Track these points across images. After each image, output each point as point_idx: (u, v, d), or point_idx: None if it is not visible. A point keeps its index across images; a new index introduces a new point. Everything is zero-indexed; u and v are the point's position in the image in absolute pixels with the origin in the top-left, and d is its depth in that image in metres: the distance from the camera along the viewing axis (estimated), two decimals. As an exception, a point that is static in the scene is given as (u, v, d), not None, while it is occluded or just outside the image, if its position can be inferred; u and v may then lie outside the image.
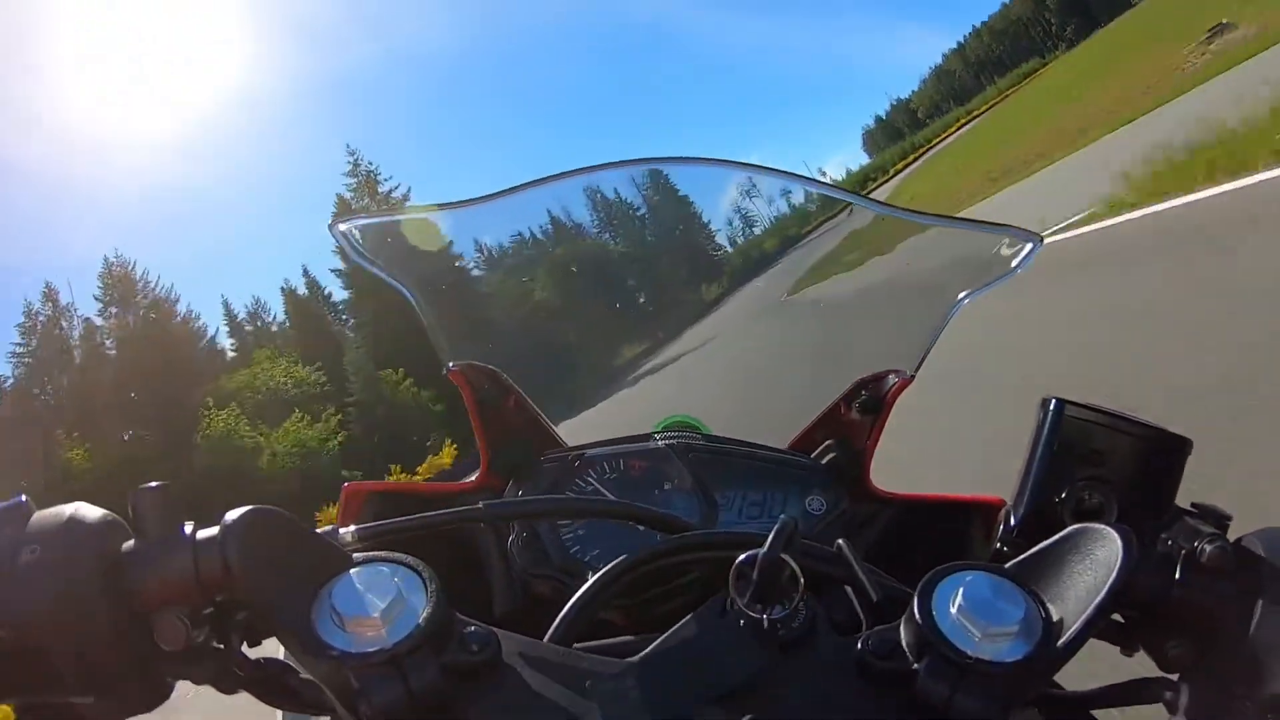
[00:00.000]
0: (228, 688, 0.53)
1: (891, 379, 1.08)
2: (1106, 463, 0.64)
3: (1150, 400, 3.85)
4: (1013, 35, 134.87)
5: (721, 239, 1.44)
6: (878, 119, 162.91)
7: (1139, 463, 0.64)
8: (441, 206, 0.97)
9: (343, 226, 0.95)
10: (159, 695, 0.50)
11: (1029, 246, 0.96)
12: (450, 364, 1.04)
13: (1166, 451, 0.64)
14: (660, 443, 1.04)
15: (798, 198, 1.31)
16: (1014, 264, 0.98)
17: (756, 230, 1.40)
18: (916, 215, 1.07)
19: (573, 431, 1.15)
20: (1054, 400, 0.67)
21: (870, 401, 1.09)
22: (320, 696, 0.50)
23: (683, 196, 1.27)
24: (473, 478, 1.07)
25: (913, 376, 1.06)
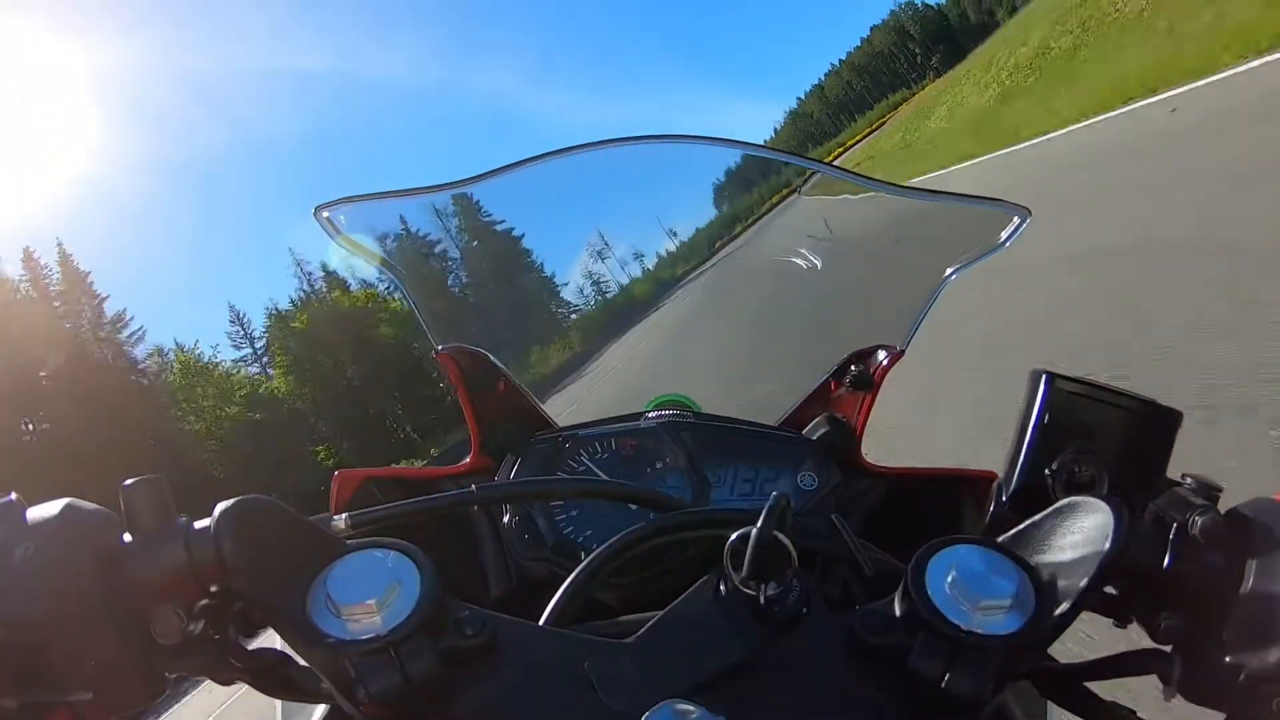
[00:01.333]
0: (225, 679, 0.53)
1: (882, 354, 1.08)
2: (1097, 435, 0.65)
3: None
4: (873, 71, 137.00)
5: (708, 216, 1.43)
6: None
7: (1129, 435, 0.64)
8: (428, 189, 0.96)
9: (326, 211, 0.94)
10: (156, 689, 0.50)
11: (1017, 219, 0.96)
12: (438, 347, 1.03)
13: (1157, 423, 0.64)
14: (651, 422, 1.04)
15: (785, 175, 1.31)
16: (1003, 237, 0.98)
17: (743, 207, 1.39)
18: (906, 190, 1.07)
19: (563, 412, 1.15)
20: (1043, 373, 0.67)
21: (861, 377, 1.09)
22: (318, 685, 0.50)
23: (668, 175, 1.26)
24: (465, 461, 1.07)
25: (903, 351, 1.06)
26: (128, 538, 0.50)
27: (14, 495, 0.49)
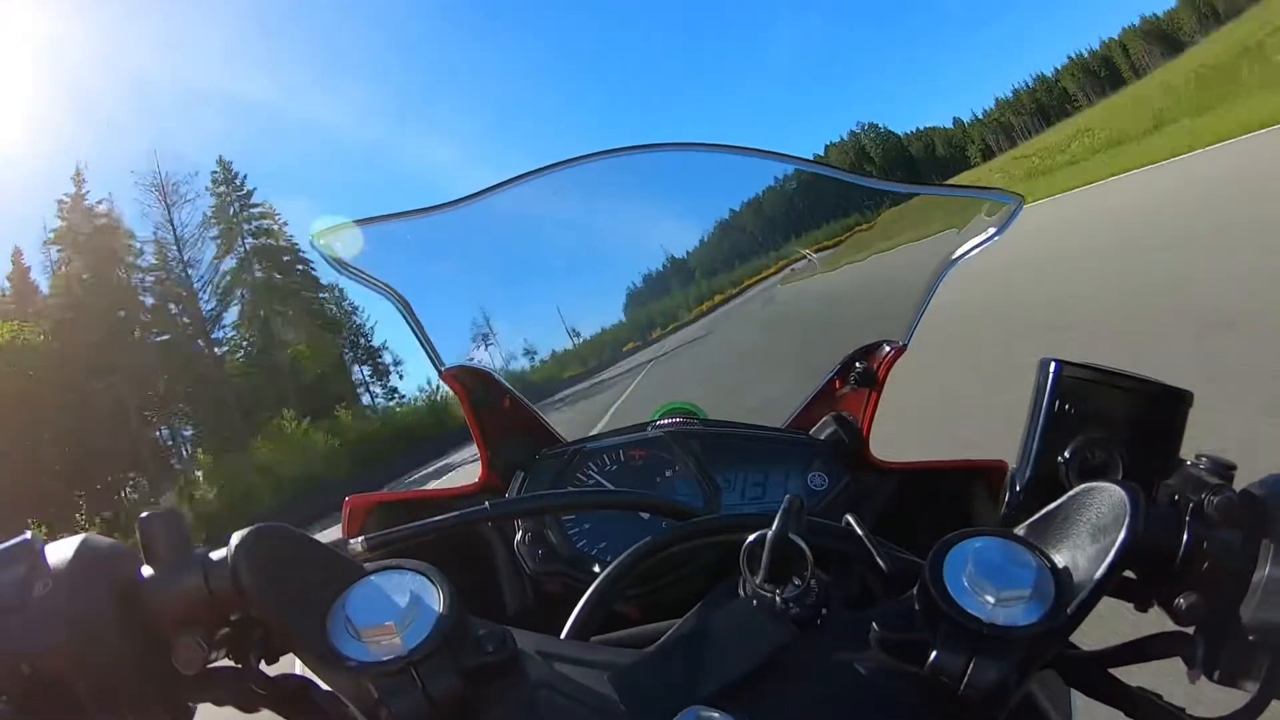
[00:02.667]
0: (249, 707, 0.53)
1: (884, 349, 1.08)
2: (1108, 420, 0.65)
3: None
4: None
5: (711, 224, 1.43)
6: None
7: (1141, 418, 0.64)
8: (430, 209, 0.97)
9: (324, 238, 0.94)
10: (181, 719, 0.50)
11: (1011, 207, 0.96)
12: (443, 368, 1.04)
13: (1168, 405, 0.64)
14: (658, 431, 1.05)
15: (780, 177, 1.31)
16: (997, 226, 0.99)
17: (744, 213, 1.40)
18: (896, 185, 1.07)
19: (570, 426, 1.15)
20: (1052, 361, 0.67)
21: (865, 374, 1.09)
22: (341, 708, 0.50)
23: (673, 185, 1.27)
24: (475, 481, 1.07)
25: (905, 345, 1.06)
26: (146, 570, 0.50)
27: (29, 534, 0.49)
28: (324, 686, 0.51)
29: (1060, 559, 0.51)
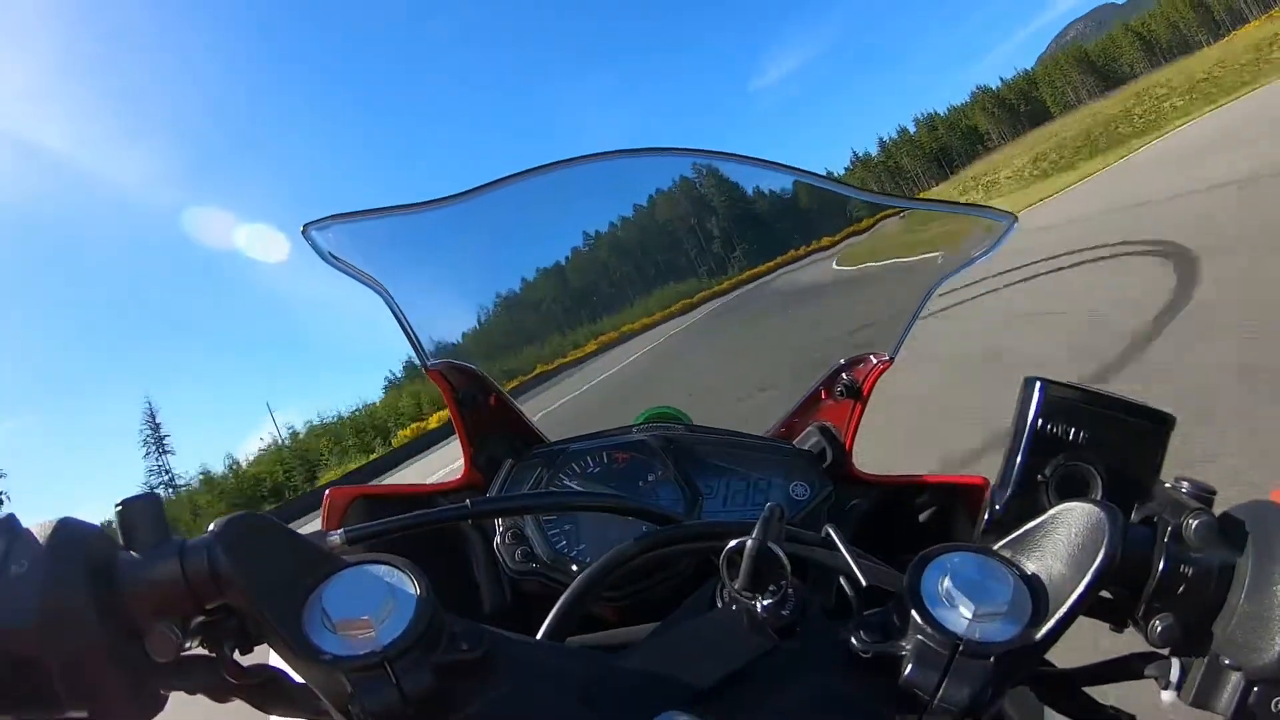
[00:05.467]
0: (221, 697, 0.53)
1: (871, 362, 1.08)
2: (1090, 440, 0.65)
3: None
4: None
5: (702, 230, 1.44)
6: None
7: (1123, 439, 0.65)
8: (417, 206, 0.96)
9: (315, 230, 0.94)
10: (152, 707, 0.50)
11: (1003, 226, 0.97)
12: (429, 363, 1.03)
13: (1149, 427, 0.65)
14: (642, 435, 1.05)
15: (771, 185, 1.31)
16: (989, 244, 0.99)
17: (736, 221, 1.40)
18: (891, 199, 1.08)
19: (555, 426, 1.15)
20: (1037, 380, 0.67)
21: (850, 386, 1.09)
22: (314, 701, 0.50)
23: (662, 188, 1.27)
24: (457, 477, 1.06)
25: (891, 359, 1.06)
26: (123, 555, 0.50)
27: (9, 512, 0.49)
28: (297, 678, 0.51)
29: (1038, 577, 0.52)
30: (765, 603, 0.53)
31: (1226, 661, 0.50)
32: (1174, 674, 0.53)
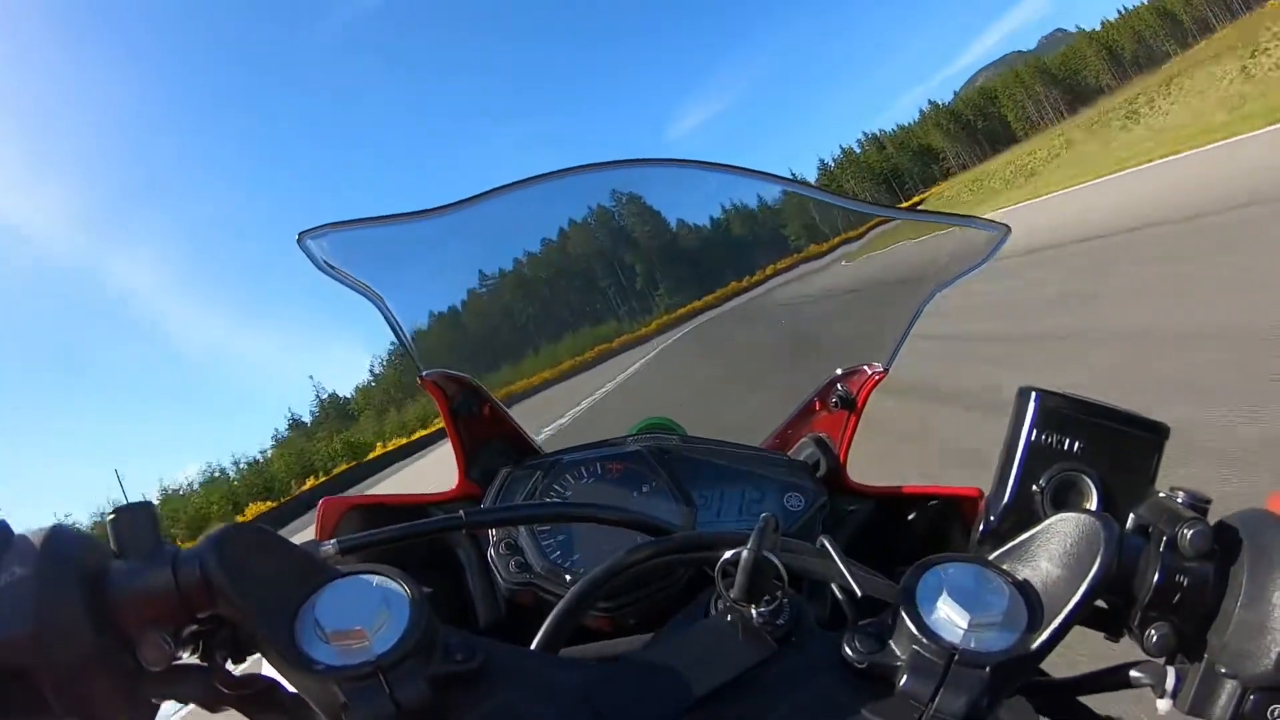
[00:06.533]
0: (213, 706, 0.53)
1: (865, 373, 1.09)
2: (1085, 451, 0.65)
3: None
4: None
5: (694, 240, 1.44)
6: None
7: (1117, 449, 0.65)
8: (413, 215, 0.96)
9: (310, 239, 0.94)
10: (144, 716, 0.49)
11: (996, 236, 0.97)
12: (423, 373, 1.03)
13: (1144, 437, 0.65)
14: (636, 445, 1.04)
15: (767, 197, 1.32)
16: (982, 255, 0.99)
17: (727, 231, 1.40)
18: (884, 210, 1.08)
19: (549, 437, 1.15)
20: (1032, 391, 0.67)
21: (845, 397, 1.10)
22: (307, 712, 0.50)
23: (654, 199, 1.27)
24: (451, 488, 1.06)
25: (886, 370, 1.07)
26: (115, 563, 0.49)
27: (2, 519, 0.48)
28: (290, 688, 0.51)
29: (1033, 587, 0.52)
30: (760, 612, 0.53)
31: (1222, 670, 0.50)
32: (1170, 682, 0.53)
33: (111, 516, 0.50)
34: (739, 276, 1.44)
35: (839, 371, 1.12)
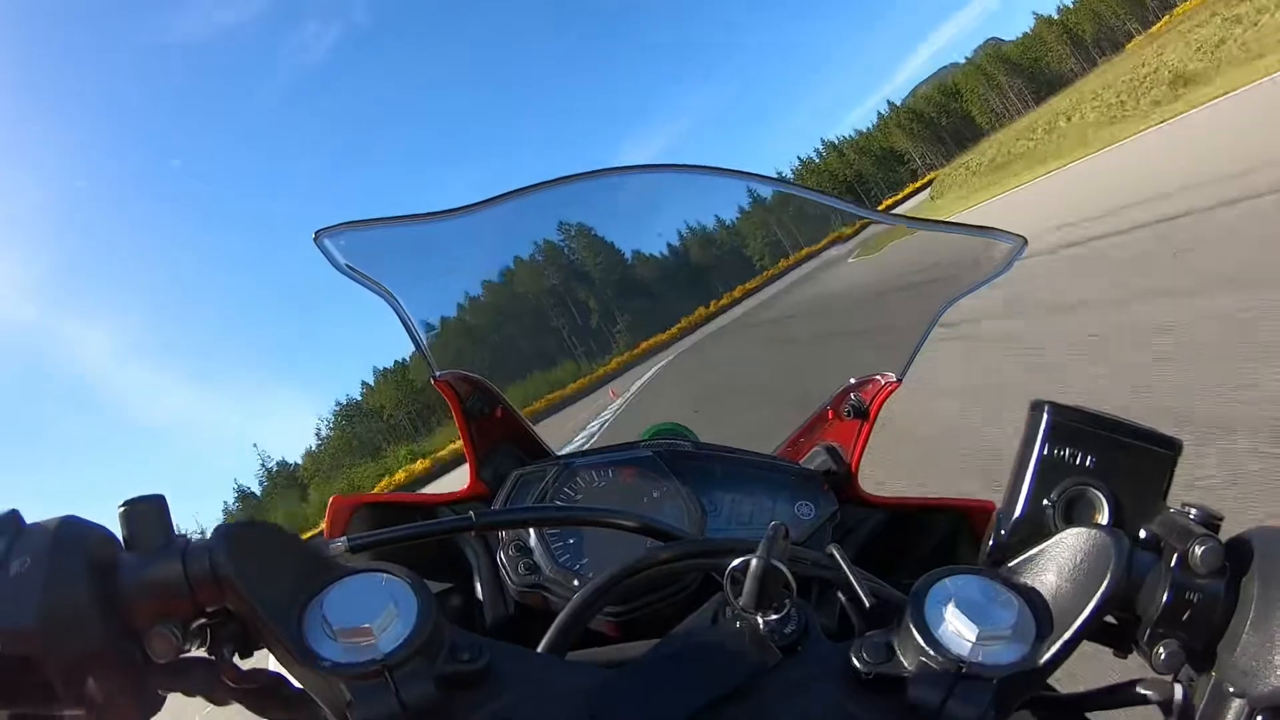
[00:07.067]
0: (219, 700, 0.53)
1: (879, 383, 1.08)
2: (1097, 465, 0.64)
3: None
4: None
5: (709, 246, 1.44)
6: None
7: (1130, 464, 0.64)
8: (429, 216, 0.97)
9: (327, 238, 0.94)
10: (150, 708, 0.50)
11: (1013, 248, 0.97)
12: (436, 374, 1.03)
13: (1157, 452, 0.64)
14: (648, 450, 1.04)
15: (784, 205, 1.32)
16: (999, 266, 0.99)
17: (742, 238, 1.40)
18: (901, 220, 1.08)
19: (561, 440, 1.15)
20: (1045, 404, 0.67)
21: (858, 406, 1.09)
22: (313, 708, 0.50)
23: (670, 204, 1.27)
24: (461, 488, 1.06)
25: (900, 380, 1.06)
26: (125, 555, 0.50)
27: (14, 509, 0.49)
28: (296, 684, 0.51)
29: (1042, 601, 0.51)
30: (768, 621, 0.53)
31: (1231, 689, 0.50)
32: (1178, 700, 0.53)
33: (122, 509, 0.51)
34: (750, 278, 1.44)
35: (852, 380, 1.12)
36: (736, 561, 0.55)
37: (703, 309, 1.46)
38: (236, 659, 0.53)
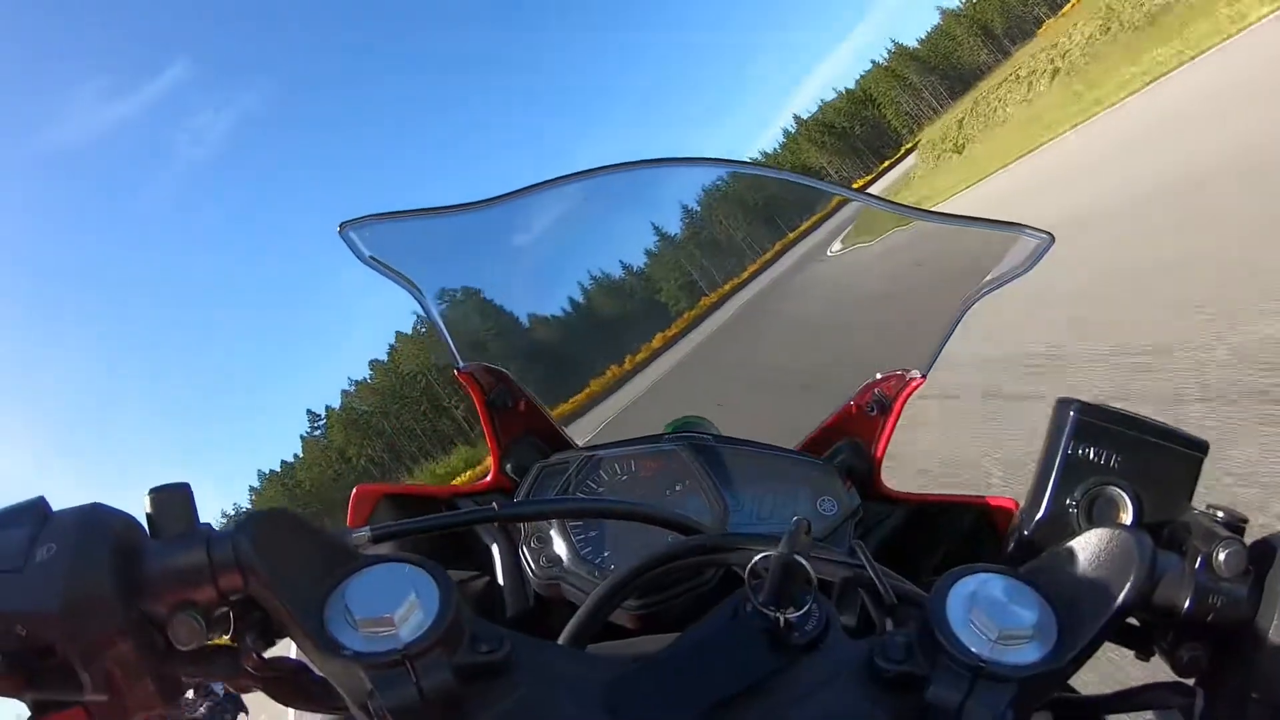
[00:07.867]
0: (241, 687, 0.54)
1: (903, 379, 1.07)
2: (1122, 465, 0.64)
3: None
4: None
5: (732, 240, 1.44)
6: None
7: (1155, 465, 0.63)
8: (453, 208, 0.97)
9: (352, 229, 0.95)
10: (172, 694, 0.50)
11: (1040, 244, 0.96)
12: (460, 365, 1.04)
13: (1182, 453, 0.63)
14: (671, 444, 1.04)
15: (808, 199, 1.31)
16: (1025, 262, 0.98)
17: (768, 231, 1.40)
18: (928, 215, 1.07)
19: (583, 432, 1.15)
20: (1071, 402, 0.66)
21: (881, 402, 1.08)
22: (333, 696, 0.50)
23: (694, 197, 1.27)
24: (484, 480, 1.07)
25: (924, 377, 1.05)
26: (150, 542, 0.50)
27: (42, 496, 0.50)
28: (318, 673, 0.51)
29: (1064, 602, 0.51)
30: (789, 617, 0.53)
31: (1254, 694, 0.49)
32: (1199, 705, 0.52)
33: (149, 496, 0.51)
34: (778, 281, 1.44)
35: (877, 375, 1.11)
36: (758, 557, 0.55)
37: (705, 299, 1.46)
38: (259, 647, 0.53)
